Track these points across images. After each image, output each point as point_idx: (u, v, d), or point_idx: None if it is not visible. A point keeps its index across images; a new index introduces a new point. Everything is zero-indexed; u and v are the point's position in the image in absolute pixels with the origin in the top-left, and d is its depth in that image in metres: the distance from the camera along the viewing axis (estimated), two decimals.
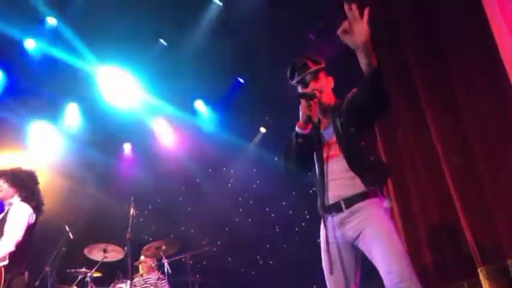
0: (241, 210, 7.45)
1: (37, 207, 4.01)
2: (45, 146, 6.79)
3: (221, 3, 6.16)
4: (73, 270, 5.49)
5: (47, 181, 5.94)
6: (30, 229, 3.87)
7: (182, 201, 8.00)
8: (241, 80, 7.24)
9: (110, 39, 6.14)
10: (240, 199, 7.54)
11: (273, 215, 7.15)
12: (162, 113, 7.65)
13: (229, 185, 7.72)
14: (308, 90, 2.59)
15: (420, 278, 3.94)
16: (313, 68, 2.65)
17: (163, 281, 5.64)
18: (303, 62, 2.67)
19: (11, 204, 3.99)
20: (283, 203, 7.07)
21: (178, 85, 6.85)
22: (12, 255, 3.68)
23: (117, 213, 6.11)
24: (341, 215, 2.46)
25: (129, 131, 7.63)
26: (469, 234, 3.60)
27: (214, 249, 7.35)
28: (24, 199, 3.99)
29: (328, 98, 2.66)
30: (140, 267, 5.94)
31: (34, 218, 3.93)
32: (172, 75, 6.66)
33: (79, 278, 5.48)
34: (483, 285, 3.50)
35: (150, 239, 6.41)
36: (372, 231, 2.36)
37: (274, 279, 6.47)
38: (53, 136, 6.88)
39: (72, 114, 7.03)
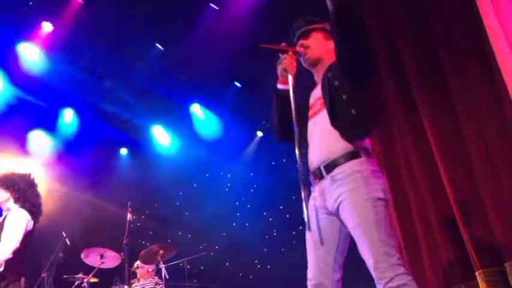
0: (238, 214, 7.45)
1: (34, 210, 3.96)
2: (42, 153, 6.78)
3: (217, 7, 6.17)
4: (69, 276, 5.47)
5: (44, 187, 5.94)
6: (28, 236, 3.84)
7: (179, 206, 7.99)
8: (238, 84, 7.25)
9: (106, 43, 6.15)
10: (238, 203, 7.53)
11: (270, 219, 7.15)
12: (159, 118, 7.65)
13: (227, 189, 7.72)
14: (295, 47, 2.57)
15: (417, 282, 3.95)
16: (305, 28, 2.63)
17: (161, 286, 5.62)
18: (299, 23, 2.67)
19: (8, 209, 3.96)
20: (281, 207, 7.07)
21: (175, 89, 6.86)
22: (8, 262, 3.65)
23: (114, 219, 6.10)
24: (322, 183, 2.32)
25: (126, 136, 7.62)
26: (466, 237, 3.61)
27: (212, 253, 7.34)
28: (21, 204, 3.94)
29: (318, 54, 2.56)
30: (137, 272, 5.92)
31: (32, 224, 3.88)
32: (169, 79, 6.66)
33: (76, 283, 5.46)
34: None
35: (148, 244, 6.39)
36: (348, 214, 2.19)
37: (272, 284, 6.47)
38: (50, 143, 6.87)
39: (69, 120, 7.02)
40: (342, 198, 2.21)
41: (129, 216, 5.10)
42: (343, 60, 2.33)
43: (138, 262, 5.86)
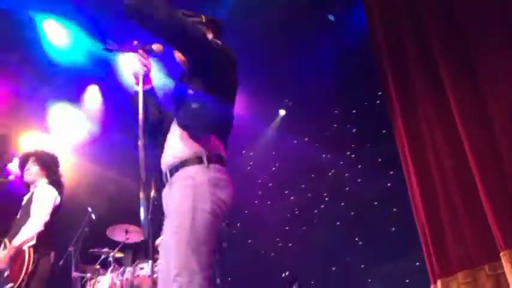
0: (260, 193, 7.48)
1: (59, 188, 4.11)
2: (68, 129, 6.87)
3: None
4: (96, 250, 5.60)
5: (71, 164, 6.05)
6: (56, 210, 3.97)
7: None
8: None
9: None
10: (260, 181, 7.56)
11: (292, 198, 7.17)
12: None
13: (249, 167, 7.74)
14: (150, 44, 2.38)
15: (440, 262, 3.92)
16: None
17: None
18: None
19: (36, 186, 4.08)
20: (302, 186, 7.07)
21: None
22: (39, 236, 3.78)
23: (138, 195, 6.18)
24: (166, 187, 2.30)
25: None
26: (491, 217, 3.56)
27: (234, 231, 7.41)
28: (51, 182, 4.08)
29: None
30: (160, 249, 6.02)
31: (59, 200, 4.02)
32: None
33: (102, 257, 5.60)
34: (505, 269, 3.46)
35: None
36: (170, 221, 2.15)
37: (293, 262, 6.51)
38: (75, 118, 6.96)
39: (94, 96, 7.07)
40: (170, 203, 2.18)
41: (152, 193, 5.17)
42: (156, 32, 2.17)
43: (161, 238, 5.95)
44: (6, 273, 3.76)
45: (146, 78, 2.40)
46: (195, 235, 2.02)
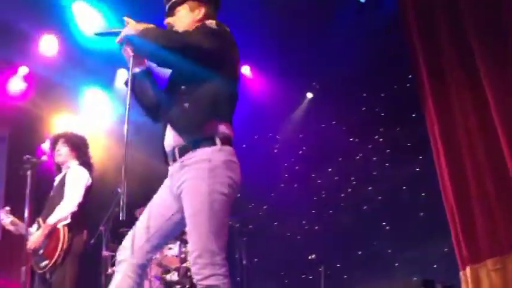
0: (287, 175, 7.49)
1: (91, 171, 4.22)
2: (99, 112, 6.98)
3: None
4: (126, 229, 5.72)
5: (101, 146, 6.16)
6: (88, 191, 4.08)
7: None
8: None
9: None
10: (286, 164, 7.56)
11: (319, 181, 7.15)
12: None
13: (276, 150, 7.75)
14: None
15: (470, 248, 3.88)
16: (169, 3, 2.42)
17: None
18: None
19: (68, 167, 4.18)
20: (329, 169, 7.05)
21: None
22: (73, 215, 3.90)
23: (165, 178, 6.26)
24: (174, 166, 2.25)
25: None
26: None
27: (260, 213, 7.46)
28: (82, 163, 4.18)
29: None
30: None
31: (90, 181, 4.13)
32: None
33: None
34: None
35: None
36: (186, 203, 2.13)
37: (319, 244, 6.54)
38: (106, 102, 7.06)
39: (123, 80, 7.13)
40: (184, 185, 2.15)
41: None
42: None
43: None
44: (41, 251, 3.90)
45: (140, 60, 2.39)
46: (215, 217, 2.07)
